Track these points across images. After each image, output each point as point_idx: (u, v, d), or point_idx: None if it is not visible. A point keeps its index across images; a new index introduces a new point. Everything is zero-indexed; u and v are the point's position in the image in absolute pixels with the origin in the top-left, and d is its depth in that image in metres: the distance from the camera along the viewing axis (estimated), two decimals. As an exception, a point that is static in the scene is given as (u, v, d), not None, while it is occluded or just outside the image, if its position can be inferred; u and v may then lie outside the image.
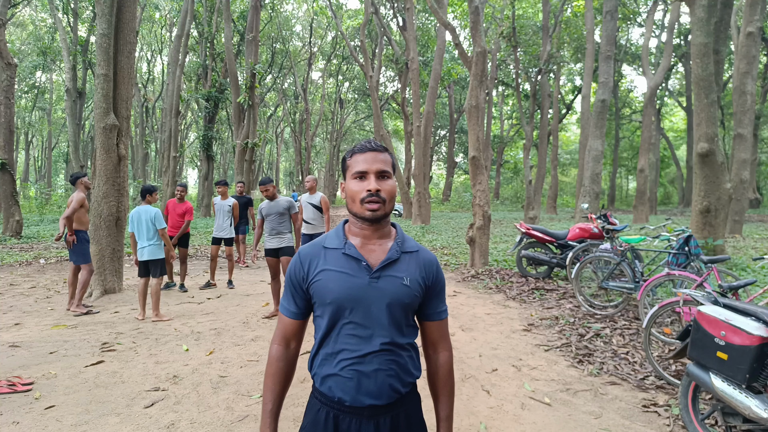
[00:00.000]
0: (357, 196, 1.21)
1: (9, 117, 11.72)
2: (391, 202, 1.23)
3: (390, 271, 1.21)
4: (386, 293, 1.19)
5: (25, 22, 28.63)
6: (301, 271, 1.26)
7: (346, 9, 29.35)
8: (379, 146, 1.26)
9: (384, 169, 1.22)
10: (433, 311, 1.31)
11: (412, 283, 1.22)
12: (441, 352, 1.33)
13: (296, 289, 1.27)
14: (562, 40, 20.93)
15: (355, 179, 1.22)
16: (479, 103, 8.07)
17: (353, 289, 1.18)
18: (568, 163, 42.53)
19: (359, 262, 1.20)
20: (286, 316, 1.30)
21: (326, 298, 1.19)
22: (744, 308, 2.36)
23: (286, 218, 5.03)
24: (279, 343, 1.31)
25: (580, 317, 5.02)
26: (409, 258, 1.26)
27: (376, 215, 1.20)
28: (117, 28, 6.39)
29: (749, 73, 9.48)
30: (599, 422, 2.82)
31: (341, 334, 1.20)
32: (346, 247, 1.22)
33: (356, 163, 1.24)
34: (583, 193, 11.67)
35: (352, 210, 1.24)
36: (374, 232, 1.25)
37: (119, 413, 2.85)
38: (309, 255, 1.26)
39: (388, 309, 1.19)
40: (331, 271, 1.20)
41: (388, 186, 1.23)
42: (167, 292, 6.45)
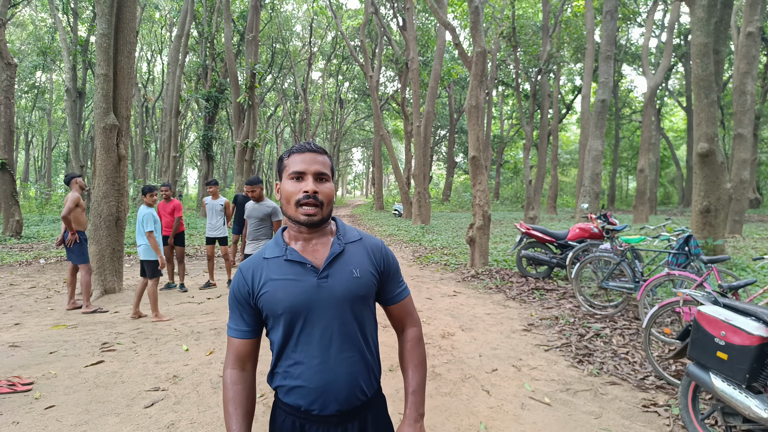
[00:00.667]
0: (292, 197, 1.14)
1: (9, 117, 11.71)
2: (329, 206, 1.17)
3: (337, 267, 1.15)
4: (338, 290, 1.13)
5: (25, 22, 28.62)
6: (245, 285, 1.18)
7: (346, 9, 29.35)
8: (318, 148, 1.20)
9: (323, 171, 1.17)
10: (392, 294, 1.27)
11: (363, 273, 1.17)
12: (408, 328, 1.30)
13: (243, 306, 1.19)
14: (562, 40, 20.92)
15: (292, 180, 1.16)
16: (479, 103, 8.07)
17: (303, 294, 1.12)
18: (568, 163, 42.52)
19: (304, 265, 1.14)
20: (236, 337, 1.21)
21: (277, 309, 1.13)
22: (744, 308, 2.36)
23: (267, 224, 4.62)
24: (233, 367, 1.22)
25: (580, 317, 5.02)
26: (354, 248, 1.21)
27: (312, 220, 1.14)
28: (117, 28, 6.39)
29: (749, 73, 9.48)
30: (599, 422, 2.82)
31: (299, 343, 1.14)
32: (288, 253, 1.16)
33: (293, 163, 1.17)
34: (583, 193, 11.67)
35: (288, 213, 1.17)
36: (313, 233, 1.19)
37: (119, 413, 2.85)
38: (250, 268, 1.19)
39: (344, 307, 1.14)
40: (277, 281, 1.14)
41: (327, 189, 1.16)
42: (167, 292, 6.45)
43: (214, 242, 6.91)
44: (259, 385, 3.30)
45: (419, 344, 1.30)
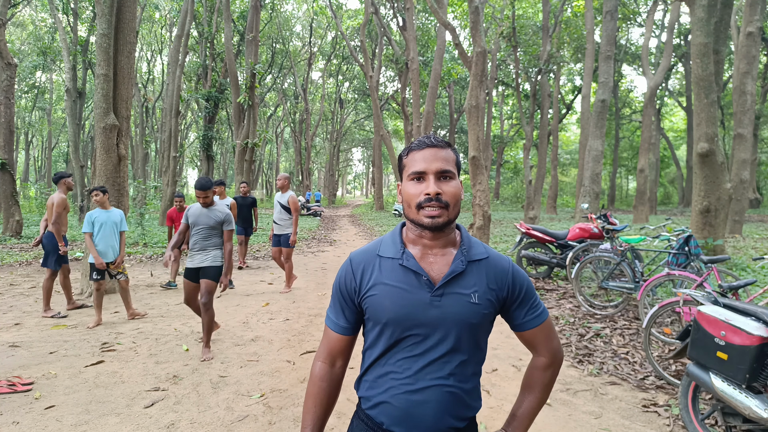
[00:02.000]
0: (413, 200, 1.04)
1: (9, 117, 11.71)
2: (456, 208, 1.06)
3: (455, 287, 1.04)
4: (450, 314, 1.03)
5: (25, 22, 28.63)
6: (353, 281, 1.10)
7: (346, 9, 29.36)
8: (439, 141, 1.08)
9: (445, 169, 1.05)
10: (522, 321, 1.13)
11: (482, 300, 1.05)
12: (539, 356, 1.17)
13: (346, 301, 1.12)
14: (562, 40, 20.92)
15: (412, 181, 1.06)
16: (479, 103, 8.07)
17: (412, 309, 1.03)
18: (568, 163, 42.53)
19: (419, 277, 1.04)
20: (334, 331, 1.14)
21: (381, 317, 1.05)
22: (744, 308, 2.36)
23: (217, 233, 4.03)
24: (324, 361, 1.16)
25: (580, 317, 5.02)
26: (478, 268, 1.08)
27: (436, 223, 1.03)
28: (117, 28, 6.39)
29: (749, 73, 9.48)
30: (599, 422, 2.82)
31: (396, 356, 1.06)
32: (404, 258, 1.06)
33: (413, 162, 1.07)
34: (583, 193, 11.67)
35: (409, 216, 1.07)
36: (435, 241, 1.08)
37: (119, 413, 2.85)
38: (361, 263, 1.11)
39: (453, 332, 1.03)
40: (387, 286, 1.05)
41: (452, 188, 1.05)
42: (166, 291, 6.45)
43: None
44: (259, 386, 3.30)
45: (545, 371, 1.16)
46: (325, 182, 42.30)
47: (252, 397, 3.12)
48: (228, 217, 4.03)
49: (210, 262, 3.96)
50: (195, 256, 3.99)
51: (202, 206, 4.01)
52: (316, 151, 46.41)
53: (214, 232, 4.01)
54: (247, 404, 3.01)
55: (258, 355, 3.94)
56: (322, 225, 18.72)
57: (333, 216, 24.88)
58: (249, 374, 3.51)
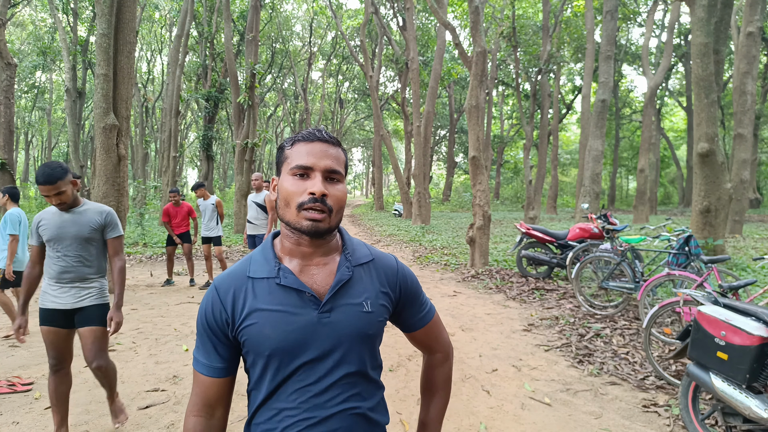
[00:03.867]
0: (293, 198, 0.88)
1: (9, 117, 11.70)
2: (339, 214, 0.91)
3: (344, 298, 0.91)
4: (343, 329, 0.90)
5: (25, 22, 28.63)
6: (223, 312, 0.91)
7: (346, 9, 29.36)
8: (331, 137, 0.94)
9: (335, 169, 0.91)
10: (413, 320, 1.05)
11: (375, 307, 0.94)
12: (435, 353, 1.11)
13: (217, 336, 0.92)
14: (562, 40, 20.92)
15: (294, 176, 0.90)
16: (479, 103, 8.07)
17: (298, 333, 0.87)
18: (568, 163, 42.53)
19: (301, 294, 0.89)
20: (206, 375, 0.94)
21: (263, 348, 0.88)
22: (744, 308, 2.36)
23: (97, 248, 2.52)
24: (198, 414, 0.94)
25: (580, 317, 5.02)
26: (365, 272, 0.96)
27: (317, 228, 0.88)
28: (117, 28, 6.39)
29: (749, 73, 9.47)
30: (599, 422, 2.81)
31: (288, 389, 0.89)
32: (281, 275, 0.90)
33: (298, 154, 0.91)
34: (583, 193, 11.67)
35: (285, 217, 0.90)
36: (316, 249, 0.93)
37: (119, 413, 2.85)
38: (230, 289, 0.92)
39: (349, 349, 0.90)
40: (266, 312, 0.88)
41: (338, 192, 0.91)
42: (167, 291, 6.45)
43: (210, 242, 6.95)
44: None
45: (442, 367, 1.10)
46: (325, 182, 42.26)
47: (252, 397, 3.12)
48: (110, 217, 2.53)
49: (94, 298, 2.49)
50: (64, 289, 2.44)
51: (60, 210, 2.43)
52: (316, 151, 46.32)
53: (91, 247, 2.49)
54: (247, 404, 3.00)
55: (258, 355, 3.93)
56: (322, 225, 18.69)
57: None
58: (249, 374, 3.51)
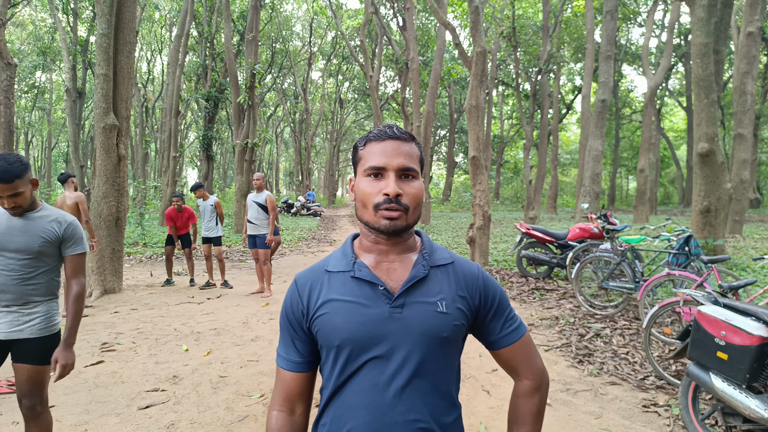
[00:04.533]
0: (369, 199, 0.89)
1: (9, 117, 11.69)
2: (417, 211, 0.91)
3: (418, 295, 0.89)
4: (415, 326, 0.87)
5: (25, 22, 28.63)
6: (300, 304, 0.94)
7: (346, 9, 29.35)
8: (404, 133, 0.93)
9: (408, 166, 0.90)
10: (498, 336, 0.97)
11: (450, 309, 0.90)
12: (522, 380, 0.99)
13: (295, 330, 0.95)
14: (562, 40, 20.92)
15: (368, 177, 0.90)
16: (479, 103, 8.07)
17: (368, 325, 0.87)
18: (568, 163, 42.53)
19: (375, 287, 0.89)
20: (286, 369, 0.96)
21: (333, 339, 0.89)
22: (744, 308, 2.36)
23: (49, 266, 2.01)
24: (280, 408, 0.96)
25: (580, 317, 5.02)
26: (443, 273, 0.94)
27: (395, 226, 0.88)
28: (117, 28, 6.39)
29: (749, 73, 9.48)
30: (599, 422, 2.81)
31: (355, 387, 0.89)
32: (356, 268, 0.91)
33: (371, 154, 0.91)
34: (583, 193, 11.67)
35: (363, 218, 0.92)
36: (393, 246, 0.94)
37: (119, 413, 2.85)
38: (308, 282, 0.95)
39: (420, 349, 0.87)
40: (338, 302, 0.90)
41: (414, 189, 0.90)
42: (167, 291, 6.45)
43: (210, 242, 6.95)
44: (259, 386, 3.30)
45: (531, 397, 0.98)
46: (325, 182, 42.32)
47: (252, 397, 3.12)
48: (72, 229, 2.02)
49: (37, 329, 1.95)
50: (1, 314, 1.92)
51: (10, 214, 1.91)
52: (316, 151, 46.43)
53: (41, 263, 1.97)
54: (247, 404, 3.01)
55: (258, 355, 3.93)
56: (321, 225, 18.72)
57: (333, 216, 24.88)
58: (249, 374, 3.51)
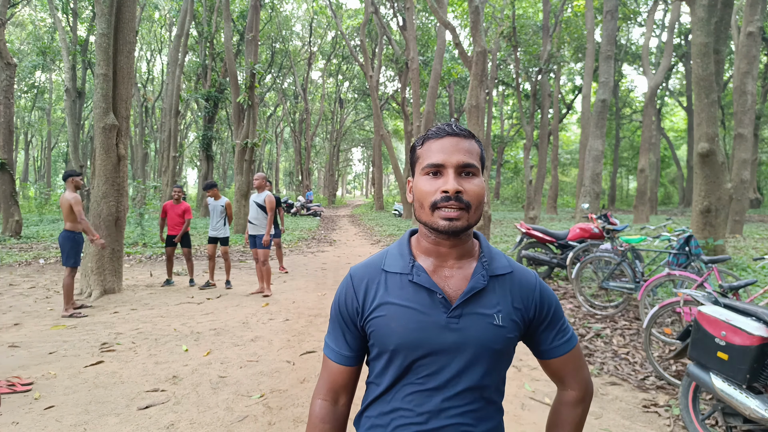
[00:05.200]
0: (427, 198, 0.87)
1: (8, 117, 11.71)
2: (478, 210, 0.88)
3: (475, 307, 0.88)
4: (471, 338, 0.87)
5: (25, 21, 28.63)
6: (355, 300, 0.93)
7: (346, 9, 29.35)
8: (463, 130, 0.91)
9: (468, 162, 0.87)
10: (549, 346, 0.97)
11: (506, 321, 0.89)
12: (568, 390, 0.99)
13: (347, 324, 0.95)
14: (563, 40, 20.91)
15: (427, 175, 0.89)
16: (479, 103, 8.06)
17: (425, 332, 0.87)
18: (568, 163, 42.53)
19: (433, 294, 0.88)
20: (334, 362, 0.97)
21: (388, 342, 0.88)
22: (744, 308, 2.36)
23: None
24: (324, 398, 0.98)
25: (580, 317, 5.02)
26: (501, 284, 0.92)
27: (454, 227, 0.85)
28: (116, 28, 6.39)
29: (750, 73, 9.47)
30: (599, 422, 2.81)
31: (405, 389, 0.89)
32: (414, 272, 0.90)
33: (429, 152, 0.89)
34: (584, 193, 11.66)
35: (421, 218, 0.90)
36: (451, 249, 0.91)
37: (119, 413, 2.85)
38: (364, 279, 0.94)
39: (474, 360, 0.87)
40: (395, 306, 0.89)
41: (475, 186, 0.87)
42: (166, 291, 6.44)
43: (216, 242, 6.94)
44: (259, 386, 3.29)
45: (575, 408, 0.98)
46: (325, 182, 42.30)
47: (252, 397, 3.12)
48: None
49: None
50: None
51: None
52: (316, 151, 46.41)
53: None
54: (247, 404, 3.00)
55: (258, 356, 3.93)
56: (321, 225, 18.72)
57: (333, 216, 24.88)
58: (249, 374, 3.51)
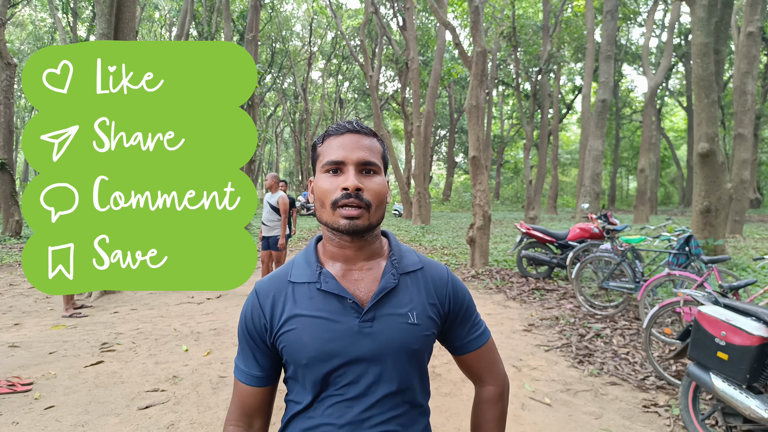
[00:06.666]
0: (327, 196, 0.84)
1: (9, 117, 11.71)
2: (380, 209, 0.86)
3: (388, 307, 0.86)
4: (386, 341, 0.84)
5: (25, 21, 28.64)
6: (262, 317, 0.87)
7: (346, 9, 29.36)
8: (363, 127, 0.88)
9: (369, 160, 0.85)
10: (463, 341, 0.95)
11: (421, 319, 0.87)
12: (486, 386, 0.98)
13: (256, 343, 0.89)
14: (563, 40, 20.91)
15: (327, 173, 0.85)
16: (479, 103, 8.06)
17: (338, 342, 0.83)
18: (568, 163, 42.53)
19: (343, 300, 0.85)
20: (245, 383, 0.91)
21: (300, 357, 0.84)
22: (744, 308, 2.36)
23: None
24: (236, 423, 0.92)
25: (580, 317, 5.01)
26: (413, 281, 0.90)
27: (355, 225, 0.82)
28: (116, 28, 6.39)
29: (750, 73, 9.47)
30: (599, 422, 2.81)
31: (325, 403, 0.86)
32: (322, 280, 0.86)
33: (329, 149, 0.86)
34: (584, 193, 11.66)
35: (323, 218, 0.86)
36: (358, 251, 0.88)
37: (119, 413, 2.85)
38: (270, 293, 0.89)
39: (392, 364, 0.85)
40: (305, 317, 0.84)
41: (375, 185, 0.85)
42: (166, 291, 6.45)
43: None
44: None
45: (495, 405, 0.97)
46: (325, 182, 42.19)
47: (252, 397, 3.12)
48: None
49: None
50: None
51: None
52: (316, 151, 46.35)
53: None
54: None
55: (258, 356, 3.93)
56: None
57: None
58: (249, 374, 3.50)
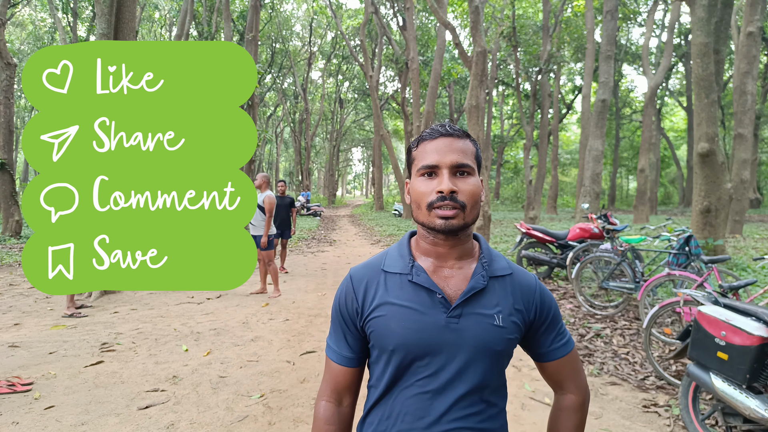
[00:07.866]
0: (423, 199, 0.88)
1: (9, 117, 11.71)
2: (474, 209, 0.89)
3: (475, 307, 0.88)
4: (470, 338, 0.87)
5: (25, 21, 28.63)
6: (354, 301, 0.94)
7: (346, 9, 29.36)
8: (456, 130, 0.92)
9: (462, 162, 0.88)
10: (546, 349, 0.97)
11: (506, 322, 0.89)
12: (567, 394, 0.99)
13: (347, 325, 0.96)
14: (563, 40, 20.91)
15: (422, 176, 0.90)
16: (479, 103, 8.07)
17: (423, 333, 0.87)
18: (568, 163, 42.52)
19: (432, 294, 0.88)
20: (336, 363, 0.97)
21: (387, 343, 0.88)
22: (744, 308, 2.36)
23: None
24: (328, 399, 0.98)
25: (580, 317, 5.01)
26: (501, 285, 0.93)
27: (450, 225, 0.86)
28: (116, 28, 6.39)
29: (750, 73, 9.47)
30: (599, 422, 2.81)
31: (406, 393, 0.89)
32: (414, 273, 0.90)
33: (424, 153, 0.90)
34: (584, 193, 11.66)
35: (419, 218, 0.91)
36: (451, 249, 0.92)
37: (119, 413, 2.85)
38: (364, 279, 0.94)
39: (473, 361, 0.87)
40: (394, 306, 0.89)
41: (469, 186, 0.88)
42: (166, 291, 6.45)
43: None
44: (259, 386, 3.30)
45: (574, 413, 0.98)
46: (325, 182, 42.31)
47: (252, 397, 3.12)
48: None
49: None
50: None
51: None
52: (315, 151, 46.40)
53: None
54: (247, 404, 3.01)
55: (258, 356, 3.93)
56: (321, 225, 18.72)
57: (333, 216, 24.88)
58: (249, 374, 3.51)
